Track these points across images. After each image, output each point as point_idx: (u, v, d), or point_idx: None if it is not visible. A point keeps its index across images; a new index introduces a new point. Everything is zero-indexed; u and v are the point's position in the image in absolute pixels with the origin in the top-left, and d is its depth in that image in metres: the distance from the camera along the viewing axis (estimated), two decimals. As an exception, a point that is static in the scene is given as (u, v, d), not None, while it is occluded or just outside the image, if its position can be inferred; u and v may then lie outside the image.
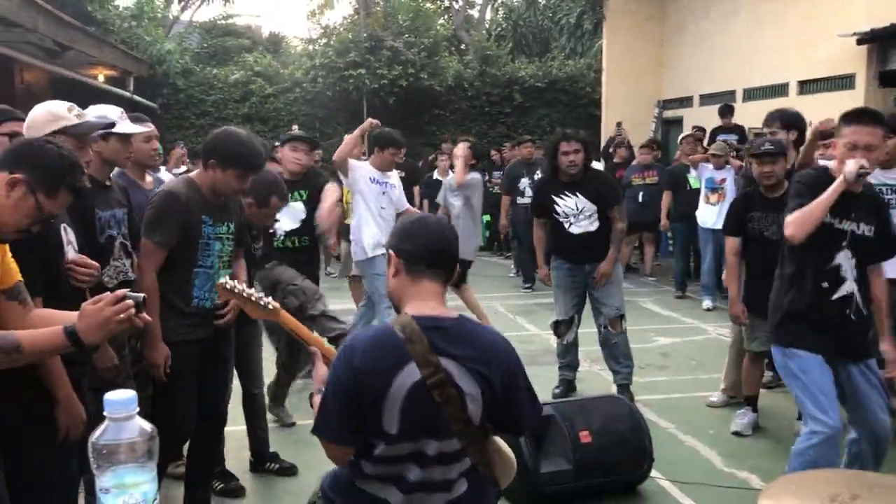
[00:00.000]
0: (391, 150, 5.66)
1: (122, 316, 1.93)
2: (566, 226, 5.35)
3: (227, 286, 2.49)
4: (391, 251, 2.06)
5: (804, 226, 3.35)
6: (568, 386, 5.58)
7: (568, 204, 5.33)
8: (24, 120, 3.11)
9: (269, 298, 2.49)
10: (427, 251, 2.02)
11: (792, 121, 5.04)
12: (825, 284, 3.39)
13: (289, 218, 4.86)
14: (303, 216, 4.99)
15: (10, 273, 2.23)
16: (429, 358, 1.89)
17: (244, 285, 2.50)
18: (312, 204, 4.98)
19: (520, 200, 9.57)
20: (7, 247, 2.23)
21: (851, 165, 3.24)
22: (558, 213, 5.35)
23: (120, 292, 1.96)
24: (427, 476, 1.97)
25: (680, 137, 9.67)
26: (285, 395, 5.06)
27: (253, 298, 2.46)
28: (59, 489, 2.58)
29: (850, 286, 3.38)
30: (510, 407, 2.04)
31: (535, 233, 5.74)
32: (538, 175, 9.45)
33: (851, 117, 3.34)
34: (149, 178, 4.04)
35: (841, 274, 3.37)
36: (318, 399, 2.02)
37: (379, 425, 1.91)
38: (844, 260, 3.38)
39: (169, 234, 3.19)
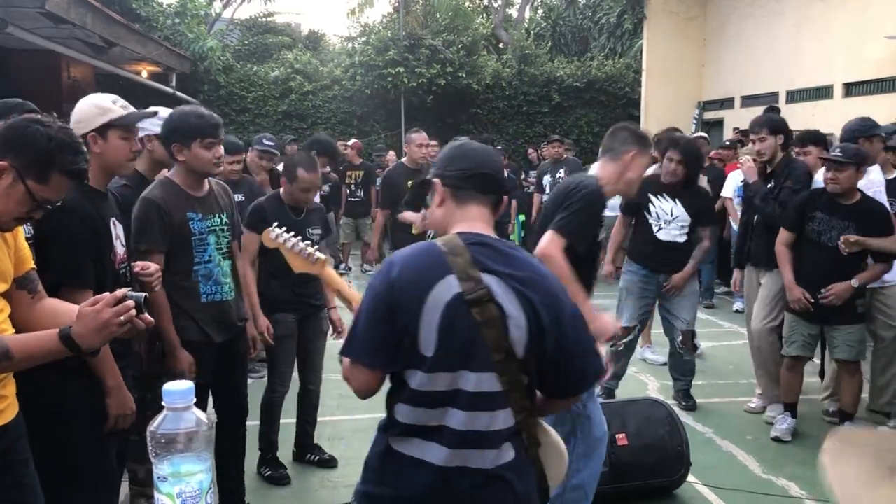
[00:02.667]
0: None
1: (122, 318, 1.79)
2: (654, 229, 5.30)
3: (272, 234, 2.35)
4: (435, 180, 1.97)
5: None
6: (608, 395, 5.42)
7: (664, 207, 5.30)
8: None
9: (315, 249, 2.31)
10: (472, 174, 1.94)
11: (778, 126, 5.10)
12: None
13: None
14: None
15: (24, 260, 2.15)
16: (469, 272, 1.78)
17: (290, 234, 2.35)
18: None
19: (543, 199, 9.46)
20: (21, 232, 2.15)
21: None
22: (650, 214, 5.32)
23: (120, 292, 1.83)
24: (470, 422, 1.79)
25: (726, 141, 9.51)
26: None
27: (296, 249, 2.30)
28: (104, 479, 2.65)
29: None
30: (560, 346, 1.84)
31: (615, 229, 5.72)
32: (560, 174, 9.34)
33: None
34: None
35: None
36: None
37: (415, 346, 1.77)
38: None
39: (153, 239, 3.17)
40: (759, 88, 12.48)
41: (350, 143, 11.08)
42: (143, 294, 1.86)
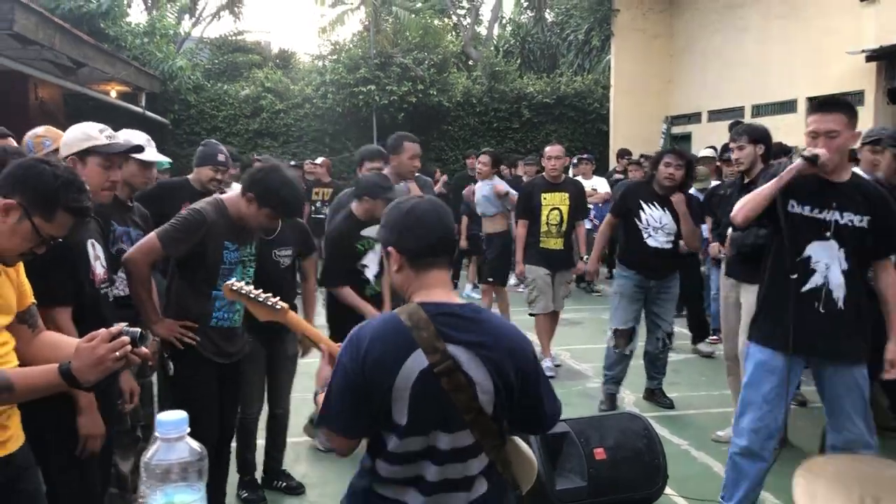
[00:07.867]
0: None
1: (117, 353, 1.85)
2: (644, 236, 5.41)
3: (234, 287, 2.40)
4: (391, 248, 1.99)
5: (745, 207, 3.40)
6: (612, 402, 5.54)
7: (654, 215, 5.40)
8: (6, 136, 3.51)
9: (277, 298, 2.39)
10: (429, 244, 1.98)
11: (759, 135, 4.94)
12: (794, 276, 3.31)
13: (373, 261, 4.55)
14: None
15: (26, 295, 2.21)
16: (435, 345, 1.85)
17: (250, 286, 2.41)
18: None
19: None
20: (22, 267, 2.20)
21: (806, 152, 3.26)
22: (640, 221, 5.42)
23: (115, 328, 1.87)
24: (445, 474, 1.91)
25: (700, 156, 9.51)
26: None
27: (259, 299, 2.36)
28: (80, 498, 2.63)
29: (819, 278, 3.29)
30: (527, 397, 1.98)
31: (602, 230, 5.88)
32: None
33: (815, 107, 3.35)
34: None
35: (811, 265, 3.29)
36: (322, 397, 1.97)
37: (389, 417, 1.86)
38: (820, 251, 3.29)
39: (177, 247, 3.25)
40: (725, 103, 12.71)
41: (318, 161, 11.10)
42: (138, 329, 1.91)
